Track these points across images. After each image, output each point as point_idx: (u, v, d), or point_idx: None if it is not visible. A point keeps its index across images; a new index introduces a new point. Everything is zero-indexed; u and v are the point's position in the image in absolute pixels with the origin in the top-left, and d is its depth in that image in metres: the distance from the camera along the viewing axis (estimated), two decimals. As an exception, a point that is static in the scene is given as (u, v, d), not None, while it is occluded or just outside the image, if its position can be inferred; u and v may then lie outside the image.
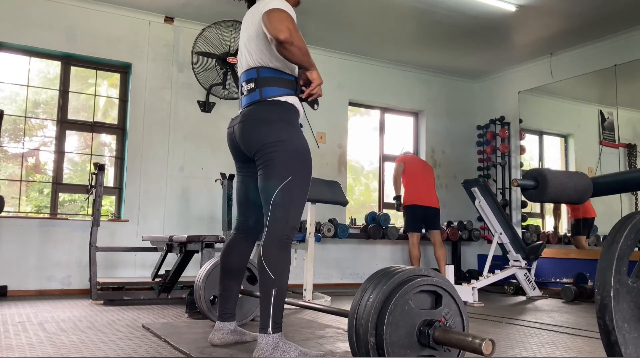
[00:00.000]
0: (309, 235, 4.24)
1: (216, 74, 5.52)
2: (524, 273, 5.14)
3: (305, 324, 3.22)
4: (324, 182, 4.35)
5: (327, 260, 6.20)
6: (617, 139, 6.00)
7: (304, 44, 2.19)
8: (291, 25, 2.16)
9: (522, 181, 1.76)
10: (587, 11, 5.28)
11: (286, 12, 2.20)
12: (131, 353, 2.40)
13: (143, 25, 5.56)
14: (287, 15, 2.19)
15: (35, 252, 4.90)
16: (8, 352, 2.38)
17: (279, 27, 2.13)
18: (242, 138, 2.35)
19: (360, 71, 6.71)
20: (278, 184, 2.20)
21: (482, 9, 5.27)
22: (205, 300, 3.04)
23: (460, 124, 7.36)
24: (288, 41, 2.12)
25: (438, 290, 1.76)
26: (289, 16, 2.19)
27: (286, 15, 2.18)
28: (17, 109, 5.28)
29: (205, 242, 3.76)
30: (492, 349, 1.51)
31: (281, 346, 2.11)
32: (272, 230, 2.20)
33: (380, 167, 6.96)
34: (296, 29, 2.17)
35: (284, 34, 2.12)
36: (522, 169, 6.84)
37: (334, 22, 5.73)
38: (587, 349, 2.70)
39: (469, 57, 6.68)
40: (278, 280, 2.14)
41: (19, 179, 5.18)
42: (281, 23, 2.14)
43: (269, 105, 2.29)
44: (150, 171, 5.44)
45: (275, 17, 2.16)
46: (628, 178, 1.90)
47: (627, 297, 1.39)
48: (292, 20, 2.20)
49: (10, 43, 5.06)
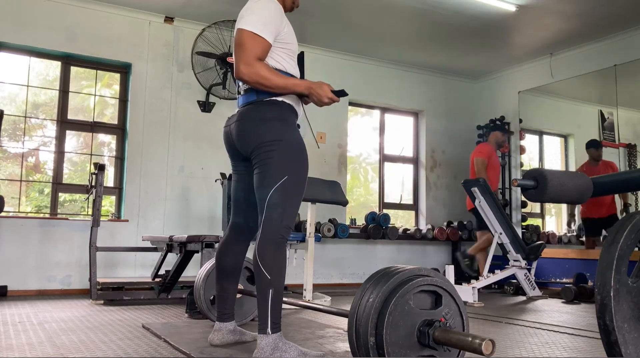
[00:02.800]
0: (309, 235, 4.24)
1: (216, 74, 5.52)
2: (524, 273, 5.14)
3: (305, 324, 3.22)
4: (324, 182, 4.34)
5: (327, 260, 6.20)
6: (617, 139, 6.00)
7: (263, 78, 2.17)
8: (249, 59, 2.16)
9: (522, 181, 1.76)
10: (587, 11, 5.28)
11: (253, 38, 2.18)
12: (131, 353, 2.40)
13: (143, 25, 5.56)
14: (250, 45, 2.18)
15: (35, 252, 4.89)
16: (8, 352, 2.38)
17: (236, 63, 2.21)
18: (238, 137, 2.34)
19: (360, 71, 6.71)
20: (274, 184, 2.20)
21: (482, 9, 5.27)
22: (205, 300, 3.04)
23: (460, 124, 7.36)
24: (242, 80, 2.22)
25: (438, 290, 1.76)
26: (252, 47, 2.18)
27: (249, 46, 2.18)
28: (17, 109, 5.28)
29: (205, 242, 3.76)
30: (492, 349, 1.51)
31: (281, 346, 2.11)
32: (266, 230, 2.19)
33: (380, 167, 6.96)
34: (255, 62, 2.16)
35: (238, 74, 2.20)
36: (522, 169, 6.83)
37: (334, 22, 5.73)
38: (587, 349, 2.70)
39: (469, 57, 6.68)
40: (274, 280, 2.13)
41: (19, 179, 5.18)
42: (239, 58, 2.19)
43: (266, 104, 2.28)
44: (150, 171, 5.44)
45: (238, 47, 2.21)
46: (628, 178, 1.90)
47: (627, 297, 1.39)
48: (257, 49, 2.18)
49: (10, 43, 5.06)
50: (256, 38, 2.19)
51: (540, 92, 6.71)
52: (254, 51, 2.18)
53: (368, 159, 7.14)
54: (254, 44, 2.19)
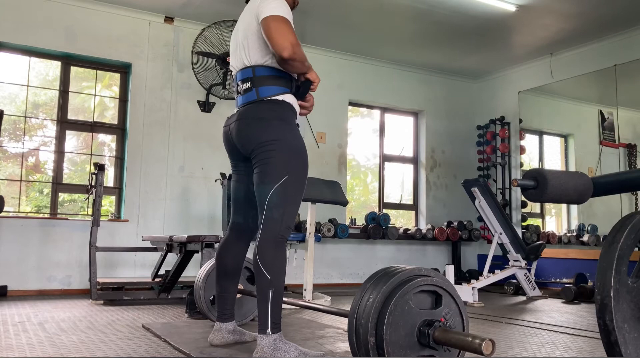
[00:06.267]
0: (309, 235, 4.24)
1: (216, 74, 5.52)
2: (524, 273, 5.14)
3: (305, 324, 3.22)
4: (324, 182, 4.34)
5: (327, 260, 6.20)
6: (617, 139, 6.00)
7: (304, 55, 2.20)
8: (293, 39, 2.15)
9: (522, 181, 1.76)
10: (587, 11, 5.28)
11: (286, 22, 2.19)
12: (131, 353, 2.40)
13: (143, 25, 5.56)
14: (288, 26, 2.18)
15: (35, 252, 4.89)
16: (8, 352, 2.38)
17: (282, 44, 2.13)
18: (238, 136, 2.34)
19: (360, 71, 6.71)
20: (274, 183, 2.19)
21: (482, 9, 5.27)
22: (205, 300, 3.04)
23: (460, 124, 7.36)
24: (292, 58, 2.15)
25: (438, 290, 1.76)
26: (289, 27, 2.18)
27: (287, 27, 2.17)
28: (16, 108, 5.28)
29: (205, 242, 3.76)
30: (492, 349, 1.51)
31: (281, 346, 2.11)
32: (266, 230, 2.18)
33: (380, 167, 6.96)
34: (297, 42, 2.17)
35: (288, 52, 2.13)
36: (522, 169, 6.83)
37: (334, 22, 5.73)
38: (587, 349, 2.70)
39: (469, 57, 6.68)
40: (274, 280, 2.13)
41: (19, 179, 5.18)
42: (284, 39, 2.14)
43: (266, 104, 2.27)
44: (150, 171, 5.44)
45: (278, 31, 2.16)
46: (628, 178, 1.90)
47: (627, 297, 1.39)
48: (293, 30, 2.19)
49: (10, 43, 5.06)
50: (288, 21, 2.20)
51: (540, 92, 6.71)
52: (292, 30, 2.19)
53: (367, 163, 7.14)
54: (289, 26, 2.19)
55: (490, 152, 7.04)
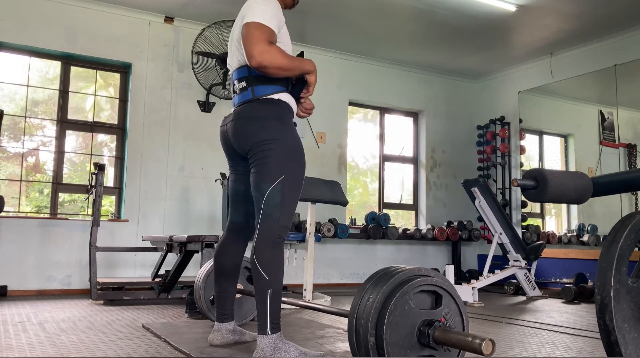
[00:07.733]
0: (309, 235, 4.24)
1: (216, 74, 5.52)
2: (524, 273, 5.14)
3: (305, 324, 3.22)
4: (324, 182, 4.34)
5: (327, 260, 6.20)
6: (617, 139, 6.00)
7: (281, 59, 2.11)
8: (263, 46, 2.09)
9: (522, 181, 1.76)
10: (587, 11, 5.28)
11: (261, 28, 2.12)
12: (131, 353, 2.39)
13: (143, 25, 5.56)
14: (260, 33, 2.11)
15: (35, 252, 4.89)
16: (8, 352, 2.38)
17: (249, 52, 2.09)
18: (235, 136, 2.34)
19: (360, 71, 6.71)
20: (271, 183, 2.18)
21: (482, 9, 5.27)
22: (205, 300, 3.04)
23: (460, 123, 7.36)
24: (260, 66, 2.10)
25: (438, 290, 1.76)
26: (261, 34, 2.11)
27: (259, 35, 2.11)
28: (16, 108, 5.28)
29: (205, 242, 3.76)
30: (492, 349, 1.51)
31: (280, 346, 2.11)
32: (264, 230, 2.18)
33: (380, 167, 6.96)
34: (268, 48, 2.09)
35: (254, 61, 2.09)
36: (522, 169, 6.83)
37: (334, 22, 5.73)
38: (587, 349, 2.70)
39: (469, 57, 6.68)
40: (272, 280, 2.12)
41: (19, 179, 5.18)
42: (252, 47, 2.09)
43: (262, 103, 2.26)
44: (150, 171, 5.44)
45: (248, 38, 2.11)
46: (628, 178, 1.90)
47: (627, 297, 1.39)
48: (266, 37, 2.12)
49: (10, 43, 5.06)
50: (263, 27, 2.14)
51: (540, 92, 6.71)
52: (264, 37, 2.11)
53: (367, 163, 7.14)
54: (263, 32, 2.12)
55: (490, 152, 7.04)
